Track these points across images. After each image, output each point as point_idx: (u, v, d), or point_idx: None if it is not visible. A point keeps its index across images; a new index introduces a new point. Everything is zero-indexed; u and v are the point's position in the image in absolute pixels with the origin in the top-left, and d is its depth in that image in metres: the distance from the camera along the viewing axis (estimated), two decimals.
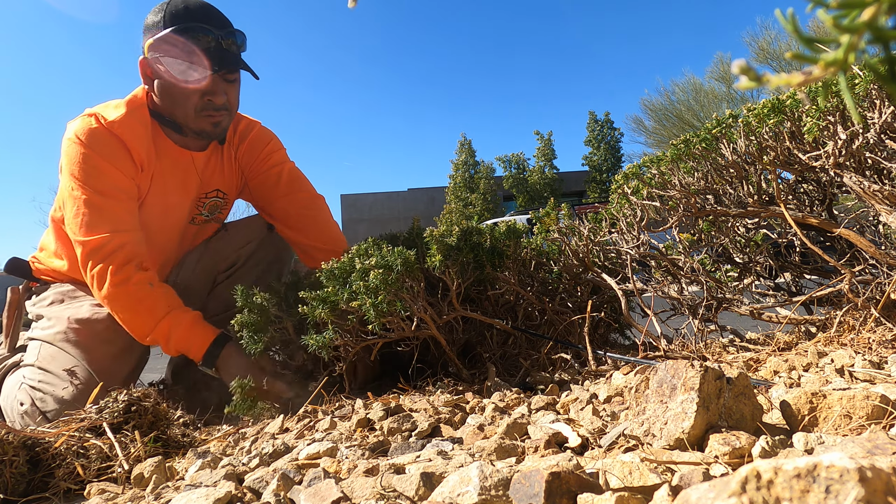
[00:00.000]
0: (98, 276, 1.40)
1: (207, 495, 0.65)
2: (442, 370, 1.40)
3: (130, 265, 1.41)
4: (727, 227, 1.58)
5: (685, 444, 0.61)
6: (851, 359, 0.97)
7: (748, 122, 1.30)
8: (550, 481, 0.51)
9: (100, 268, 1.39)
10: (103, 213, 1.41)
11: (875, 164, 1.18)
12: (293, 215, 1.77)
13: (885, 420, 0.62)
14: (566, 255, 1.59)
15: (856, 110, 0.27)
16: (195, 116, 1.50)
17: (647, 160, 1.58)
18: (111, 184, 1.43)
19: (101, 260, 1.39)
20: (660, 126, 17.24)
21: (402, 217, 24.54)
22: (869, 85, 1.13)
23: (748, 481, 0.31)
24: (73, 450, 0.94)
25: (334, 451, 0.82)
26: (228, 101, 1.52)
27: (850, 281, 1.17)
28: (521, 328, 1.44)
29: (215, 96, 1.49)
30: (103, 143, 1.42)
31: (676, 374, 0.66)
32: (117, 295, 1.40)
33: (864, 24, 0.24)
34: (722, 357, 1.20)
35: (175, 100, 1.49)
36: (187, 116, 1.51)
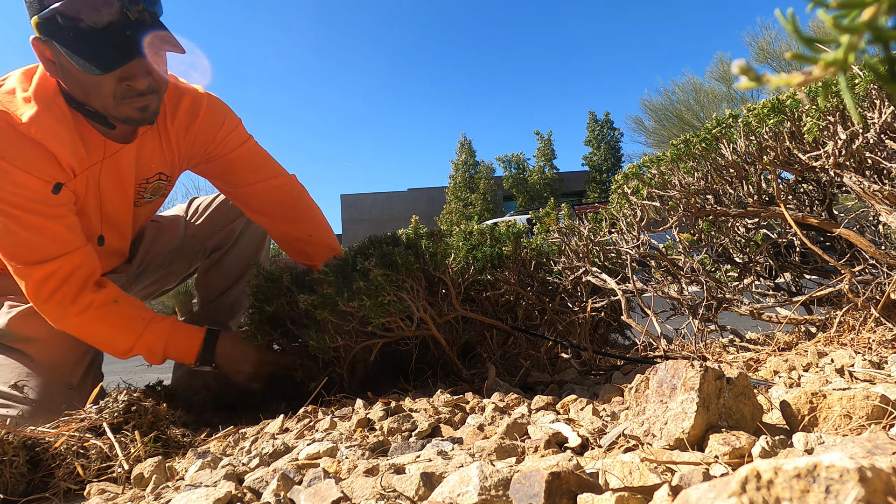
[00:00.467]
0: (55, 307, 1.26)
1: (207, 495, 0.65)
2: (442, 370, 1.40)
3: (87, 289, 1.29)
4: (727, 227, 1.58)
5: (685, 444, 0.61)
6: (851, 359, 0.97)
7: (748, 122, 1.30)
8: (550, 481, 0.51)
9: (55, 298, 1.25)
10: (43, 236, 1.23)
11: (875, 164, 1.18)
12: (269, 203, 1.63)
13: (885, 420, 0.62)
14: (566, 254, 1.59)
15: (856, 110, 0.27)
16: (115, 104, 1.23)
17: (647, 160, 1.59)
18: (42, 199, 1.22)
19: (54, 289, 1.24)
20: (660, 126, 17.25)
21: (402, 217, 24.53)
22: (869, 85, 1.13)
23: (748, 481, 0.31)
24: (73, 450, 0.94)
25: (334, 451, 0.82)
26: (153, 80, 1.23)
27: (850, 281, 1.17)
28: (521, 328, 1.44)
29: (135, 80, 1.20)
30: (22, 151, 1.18)
31: (676, 374, 0.66)
32: (83, 323, 1.30)
33: (864, 24, 0.24)
34: (722, 357, 1.20)
35: (86, 88, 1.22)
36: (106, 106, 1.24)
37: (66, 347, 1.41)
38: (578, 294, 1.57)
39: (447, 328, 1.38)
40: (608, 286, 1.45)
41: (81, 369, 1.43)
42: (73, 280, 1.27)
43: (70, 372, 1.41)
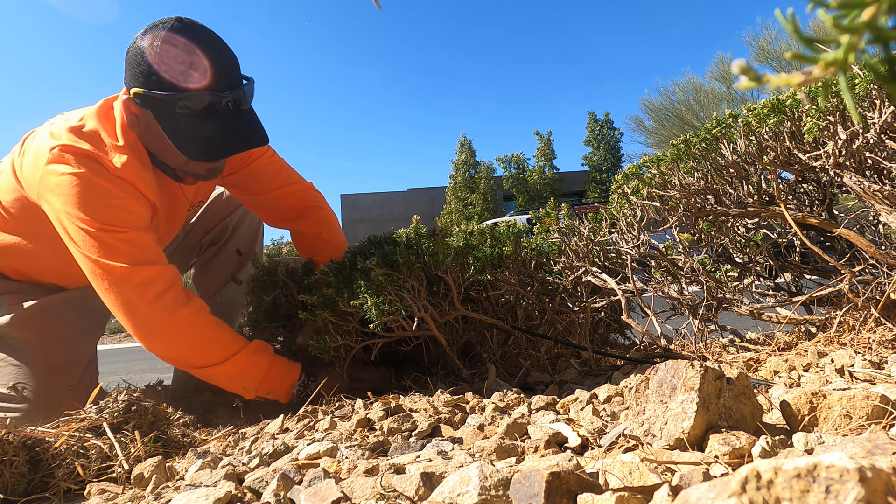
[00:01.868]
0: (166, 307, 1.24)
1: (207, 495, 0.65)
2: (442, 370, 1.40)
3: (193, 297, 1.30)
4: (727, 227, 1.58)
5: (685, 444, 0.61)
6: (851, 359, 0.97)
7: (748, 122, 1.30)
8: (550, 481, 0.51)
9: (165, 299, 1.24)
10: (146, 248, 1.27)
11: (875, 164, 1.18)
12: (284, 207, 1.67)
13: (885, 420, 0.62)
14: (566, 255, 1.59)
15: (856, 110, 0.27)
16: (187, 163, 1.35)
17: (647, 160, 1.59)
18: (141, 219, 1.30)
19: (163, 291, 1.24)
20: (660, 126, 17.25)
21: (402, 217, 24.53)
22: (869, 85, 1.13)
23: (748, 481, 0.31)
24: (73, 450, 0.94)
25: (334, 451, 0.82)
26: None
27: (850, 281, 1.17)
28: (521, 328, 1.44)
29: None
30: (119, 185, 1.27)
31: (676, 374, 0.66)
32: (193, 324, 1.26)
33: (864, 24, 0.25)
34: (722, 357, 1.20)
35: (165, 149, 1.34)
36: (178, 163, 1.37)
37: (66, 349, 1.41)
38: (578, 294, 1.57)
39: (447, 328, 1.38)
40: (608, 286, 1.45)
41: (80, 370, 1.43)
42: (178, 287, 1.27)
43: (69, 373, 1.40)
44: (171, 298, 1.24)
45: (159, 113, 1.26)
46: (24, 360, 1.37)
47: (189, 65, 1.24)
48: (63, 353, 1.41)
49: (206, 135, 1.27)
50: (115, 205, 1.25)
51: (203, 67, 1.25)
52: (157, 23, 1.26)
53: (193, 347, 1.28)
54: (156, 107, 1.26)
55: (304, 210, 1.69)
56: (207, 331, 1.28)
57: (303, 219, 1.69)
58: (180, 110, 1.25)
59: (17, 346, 1.39)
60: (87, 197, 1.23)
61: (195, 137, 1.27)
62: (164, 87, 1.23)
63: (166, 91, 1.23)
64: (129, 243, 1.24)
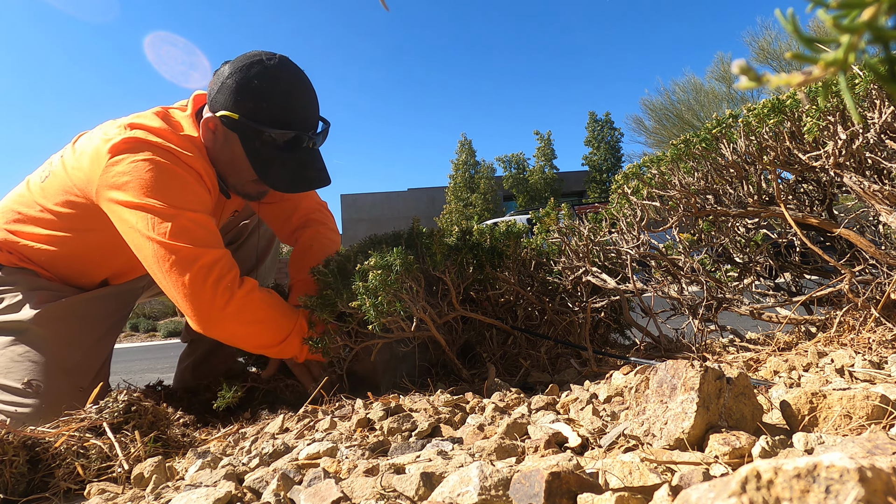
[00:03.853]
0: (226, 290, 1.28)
1: (207, 495, 0.65)
2: (442, 370, 1.40)
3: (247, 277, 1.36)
4: (727, 227, 1.58)
5: (685, 444, 0.61)
6: (851, 359, 0.97)
7: (748, 122, 1.30)
8: (550, 481, 0.51)
9: (226, 281, 1.28)
10: (208, 230, 1.32)
11: (875, 164, 1.18)
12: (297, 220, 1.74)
13: (885, 420, 0.62)
14: (566, 254, 1.59)
15: (856, 110, 0.27)
16: (244, 183, 1.47)
17: (647, 160, 1.58)
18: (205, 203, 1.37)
19: (222, 273, 1.28)
20: (660, 126, 17.25)
21: (402, 217, 24.53)
22: (869, 85, 1.13)
23: (748, 481, 0.31)
24: (73, 450, 0.94)
25: (334, 451, 0.82)
26: None
27: (850, 281, 1.17)
28: (521, 328, 1.44)
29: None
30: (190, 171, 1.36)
31: (676, 374, 0.66)
32: (247, 304, 1.30)
33: (864, 24, 0.24)
34: (722, 357, 1.20)
35: (229, 168, 1.44)
36: (237, 183, 1.47)
37: (83, 350, 1.43)
38: (578, 294, 1.57)
39: (447, 328, 1.38)
40: (608, 286, 1.45)
41: (94, 372, 1.44)
42: (236, 271, 1.32)
43: (83, 374, 1.42)
44: (230, 281, 1.29)
45: (246, 139, 1.36)
46: (42, 357, 1.39)
47: (286, 104, 1.36)
48: (80, 355, 1.43)
49: (288, 168, 1.39)
50: (187, 188, 1.32)
51: (297, 107, 1.37)
52: (261, 56, 1.37)
53: (250, 326, 1.33)
54: (244, 133, 1.36)
55: (308, 222, 1.74)
56: (261, 311, 1.33)
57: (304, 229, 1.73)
58: (265, 139, 1.35)
59: (37, 342, 1.41)
60: (161, 179, 1.29)
61: (279, 168, 1.38)
62: (261, 120, 1.34)
63: (260, 123, 1.34)
64: (199, 224, 1.30)
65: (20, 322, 1.42)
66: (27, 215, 1.49)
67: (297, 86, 1.38)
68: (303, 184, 1.43)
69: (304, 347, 1.36)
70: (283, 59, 1.38)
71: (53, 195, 1.45)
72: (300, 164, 1.40)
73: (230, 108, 1.35)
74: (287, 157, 1.38)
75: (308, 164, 1.42)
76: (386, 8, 0.44)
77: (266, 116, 1.34)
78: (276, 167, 1.38)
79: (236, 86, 1.35)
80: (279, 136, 1.36)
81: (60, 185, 1.43)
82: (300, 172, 1.40)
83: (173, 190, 1.30)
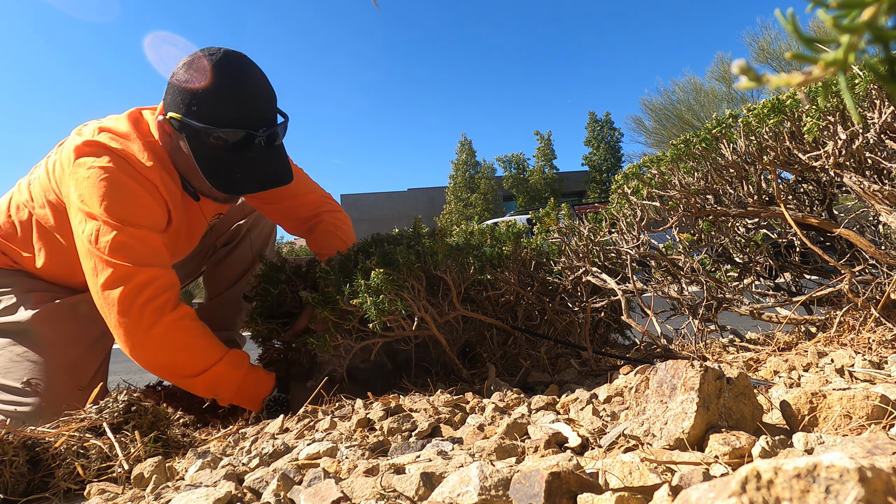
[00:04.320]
0: (155, 311, 1.25)
1: (207, 495, 0.65)
2: (442, 370, 1.40)
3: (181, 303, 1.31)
4: (727, 227, 1.58)
5: (685, 444, 0.61)
6: (851, 359, 0.97)
7: (748, 122, 1.30)
8: (550, 481, 0.51)
9: (156, 302, 1.24)
10: (154, 249, 1.29)
11: (875, 164, 1.18)
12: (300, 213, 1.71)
13: (885, 420, 0.62)
14: (566, 254, 1.59)
15: (856, 110, 0.27)
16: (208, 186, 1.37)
17: (647, 160, 1.59)
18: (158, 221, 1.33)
19: (155, 294, 1.25)
20: (660, 126, 17.25)
21: (402, 217, 24.53)
22: (869, 85, 1.13)
23: (748, 481, 0.31)
24: (73, 450, 0.94)
25: (334, 451, 0.82)
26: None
27: (850, 281, 1.17)
28: (521, 328, 1.44)
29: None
30: (144, 184, 1.31)
31: (676, 374, 0.66)
32: (174, 330, 1.27)
33: (864, 24, 0.25)
34: (722, 357, 1.20)
35: (191, 173, 1.38)
36: (202, 186, 1.41)
37: (82, 349, 1.43)
38: (578, 294, 1.57)
39: (447, 328, 1.38)
40: (608, 286, 1.45)
41: (92, 372, 1.45)
42: (172, 293, 1.29)
43: (82, 373, 1.42)
44: (161, 303, 1.25)
45: (193, 140, 1.30)
46: (41, 356, 1.39)
47: (229, 101, 1.27)
48: (78, 354, 1.43)
49: (235, 169, 1.30)
50: (137, 202, 1.29)
51: (243, 104, 1.28)
52: (205, 52, 1.29)
53: (174, 353, 1.28)
54: (190, 134, 1.29)
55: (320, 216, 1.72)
56: (188, 338, 1.29)
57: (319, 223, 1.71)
58: (214, 140, 1.28)
59: (37, 342, 1.41)
60: (112, 191, 1.26)
61: (225, 170, 1.30)
62: (203, 118, 1.27)
63: (204, 123, 1.26)
64: (141, 241, 1.27)
65: (18, 323, 1.43)
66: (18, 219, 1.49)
67: (243, 81, 1.30)
68: (254, 183, 1.33)
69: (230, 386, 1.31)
70: (227, 54, 1.29)
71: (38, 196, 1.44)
72: (253, 164, 1.31)
73: (175, 108, 1.30)
74: (238, 158, 1.30)
75: (264, 164, 1.33)
76: (377, 6, 0.44)
77: (207, 115, 1.26)
78: (226, 169, 1.30)
79: (177, 85, 1.29)
80: (224, 136, 1.28)
81: (43, 186, 1.42)
82: (252, 173, 1.32)
83: (122, 203, 1.26)
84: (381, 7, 0.44)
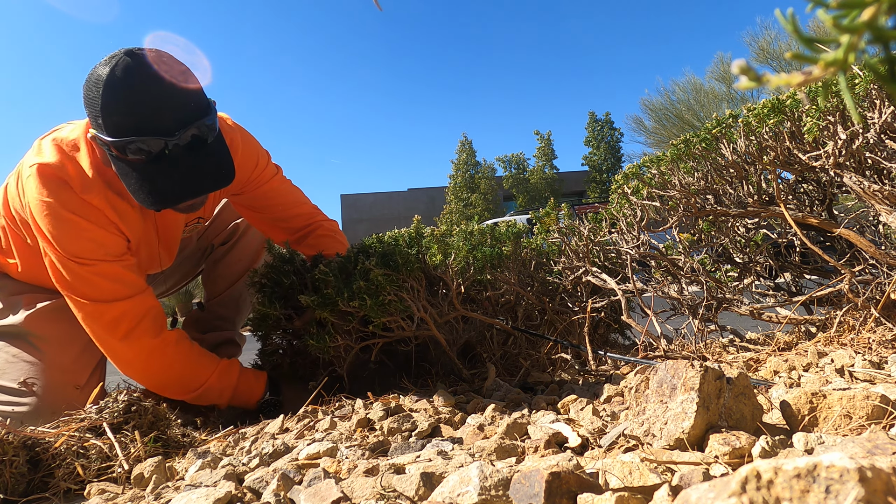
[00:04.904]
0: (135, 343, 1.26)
1: (207, 495, 0.65)
2: (442, 370, 1.40)
3: (163, 328, 1.31)
4: (727, 227, 1.58)
5: (685, 444, 0.61)
6: (851, 359, 0.97)
7: (748, 122, 1.30)
8: (550, 481, 0.51)
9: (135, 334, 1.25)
10: (115, 281, 1.26)
11: (875, 164, 1.18)
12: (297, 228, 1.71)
13: (885, 420, 0.62)
14: (566, 254, 1.59)
15: (856, 110, 0.27)
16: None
17: (647, 160, 1.59)
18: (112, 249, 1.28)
19: (131, 327, 1.25)
20: (660, 126, 17.24)
21: (402, 217, 24.54)
22: (869, 85, 1.13)
23: (748, 481, 0.31)
24: (73, 450, 0.94)
25: (334, 451, 0.82)
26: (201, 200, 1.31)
27: (850, 281, 1.17)
28: (521, 328, 1.44)
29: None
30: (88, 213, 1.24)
31: (676, 374, 0.66)
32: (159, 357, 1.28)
33: (864, 24, 0.24)
34: (722, 357, 1.20)
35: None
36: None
37: (78, 349, 1.43)
38: (578, 294, 1.57)
39: (447, 328, 1.38)
40: (608, 286, 1.45)
41: (89, 371, 1.44)
42: (148, 319, 1.28)
43: (78, 373, 1.42)
44: (140, 333, 1.27)
45: (112, 157, 1.20)
46: (36, 357, 1.39)
47: (128, 109, 1.15)
48: (74, 354, 1.43)
49: (157, 180, 1.19)
50: (83, 237, 1.23)
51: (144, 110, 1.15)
52: (108, 59, 1.17)
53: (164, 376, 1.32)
54: (108, 150, 1.20)
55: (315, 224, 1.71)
56: (176, 363, 1.32)
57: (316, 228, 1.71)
58: (133, 156, 1.17)
59: (32, 343, 1.41)
60: (58, 227, 1.22)
61: (144, 185, 1.19)
62: (111, 132, 1.16)
63: (113, 137, 1.16)
64: (100, 275, 1.26)
65: (11, 326, 1.43)
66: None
67: (141, 87, 1.15)
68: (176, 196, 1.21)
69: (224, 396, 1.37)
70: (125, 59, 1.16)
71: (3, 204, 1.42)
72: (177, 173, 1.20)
73: (91, 124, 1.21)
74: (158, 169, 1.18)
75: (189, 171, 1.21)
76: (379, 7, 0.44)
77: (111, 127, 1.16)
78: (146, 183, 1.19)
79: (86, 99, 1.19)
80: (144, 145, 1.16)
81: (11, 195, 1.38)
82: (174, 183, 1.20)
83: (69, 239, 1.23)
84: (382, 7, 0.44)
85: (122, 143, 1.15)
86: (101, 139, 1.18)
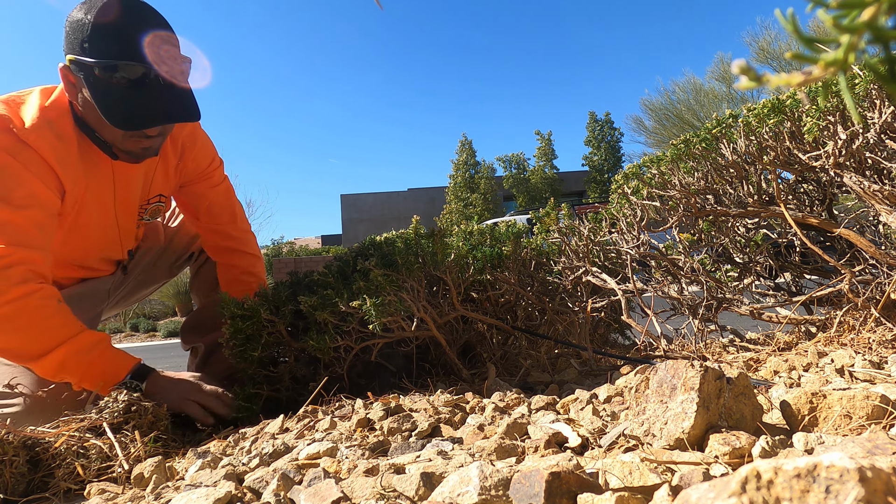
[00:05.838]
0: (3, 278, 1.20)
1: (207, 495, 0.65)
2: (442, 370, 1.40)
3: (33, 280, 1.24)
4: (727, 227, 1.58)
5: (685, 444, 0.61)
6: (851, 359, 0.97)
7: (748, 122, 1.30)
8: (550, 481, 0.51)
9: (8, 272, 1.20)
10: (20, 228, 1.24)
11: (875, 164, 1.18)
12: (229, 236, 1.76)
13: (885, 420, 0.62)
14: (566, 254, 1.59)
15: (856, 110, 0.27)
16: (122, 140, 1.33)
17: (647, 160, 1.59)
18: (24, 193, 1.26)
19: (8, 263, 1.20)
20: (660, 126, 17.24)
21: (402, 217, 24.55)
22: (869, 85, 1.13)
23: (748, 481, 0.31)
24: (73, 450, 0.94)
25: (334, 451, 0.82)
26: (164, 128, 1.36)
27: (850, 281, 1.17)
28: (522, 328, 1.44)
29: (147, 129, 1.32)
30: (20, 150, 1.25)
31: (676, 374, 0.66)
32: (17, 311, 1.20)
33: (864, 24, 0.24)
34: (722, 357, 1.20)
35: (100, 124, 1.32)
36: (114, 139, 1.34)
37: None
38: (578, 294, 1.57)
39: (447, 328, 1.38)
40: (608, 286, 1.45)
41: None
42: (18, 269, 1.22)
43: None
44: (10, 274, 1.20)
45: (92, 81, 1.25)
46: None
47: (123, 35, 1.24)
48: None
49: (132, 104, 1.26)
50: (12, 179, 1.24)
51: (137, 39, 1.24)
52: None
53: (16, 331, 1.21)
54: (88, 74, 1.25)
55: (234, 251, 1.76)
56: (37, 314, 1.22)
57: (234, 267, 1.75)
58: (114, 81, 1.24)
59: None
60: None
61: (122, 106, 1.26)
62: (97, 54, 1.23)
63: (99, 58, 1.22)
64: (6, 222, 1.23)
65: None
66: None
67: (138, 18, 1.26)
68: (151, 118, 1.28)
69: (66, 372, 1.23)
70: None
71: None
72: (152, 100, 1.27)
73: (70, 50, 1.26)
74: (136, 94, 1.26)
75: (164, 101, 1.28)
76: (380, 7, 0.44)
77: (101, 50, 1.23)
78: (123, 104, 1.26)
79: (72, 27, 1.26)
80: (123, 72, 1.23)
81: None
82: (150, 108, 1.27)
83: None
84: (383, 8, 0.44)
85: (108, 65, 1.23)
86: (84, 62, 1.23)
